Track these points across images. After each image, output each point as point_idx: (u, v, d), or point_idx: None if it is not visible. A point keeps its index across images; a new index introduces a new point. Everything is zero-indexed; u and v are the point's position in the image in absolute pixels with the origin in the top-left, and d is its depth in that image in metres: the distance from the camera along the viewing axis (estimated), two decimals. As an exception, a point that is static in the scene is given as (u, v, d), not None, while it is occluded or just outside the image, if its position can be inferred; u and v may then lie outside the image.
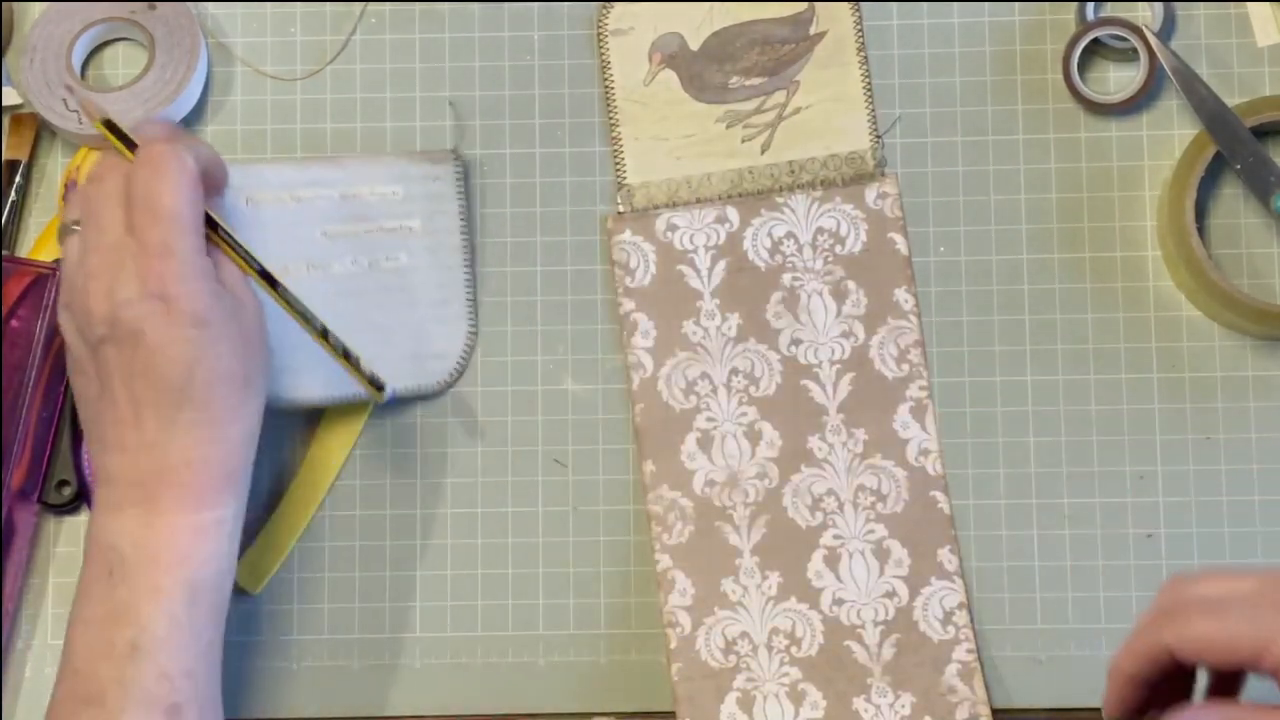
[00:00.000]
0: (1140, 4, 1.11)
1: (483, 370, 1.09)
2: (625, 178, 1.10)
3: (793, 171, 1.09)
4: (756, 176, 1.09)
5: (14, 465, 1.04)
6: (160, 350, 0.93)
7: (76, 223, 0.97)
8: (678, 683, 1.06)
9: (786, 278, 1.08)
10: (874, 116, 1.10)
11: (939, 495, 1.07)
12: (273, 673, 1.08)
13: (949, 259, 1.09)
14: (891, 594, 1.06)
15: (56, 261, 1.07)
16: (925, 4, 1.11)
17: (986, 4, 1.11)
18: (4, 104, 1.11)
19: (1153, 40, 1.08)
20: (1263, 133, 1.07)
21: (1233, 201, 1.09)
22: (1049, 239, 1.09)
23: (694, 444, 1.07)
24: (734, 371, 1.08)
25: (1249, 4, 1.10)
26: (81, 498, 1.07)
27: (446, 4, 1.12)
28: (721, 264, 1.09)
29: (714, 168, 1.09)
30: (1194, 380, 1.08)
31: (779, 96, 1.10)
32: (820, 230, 1.09)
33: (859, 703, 1.05)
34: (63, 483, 1.07)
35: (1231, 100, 1.07)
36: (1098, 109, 1.09)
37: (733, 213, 1.09)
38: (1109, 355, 1.08)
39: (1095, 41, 1.09)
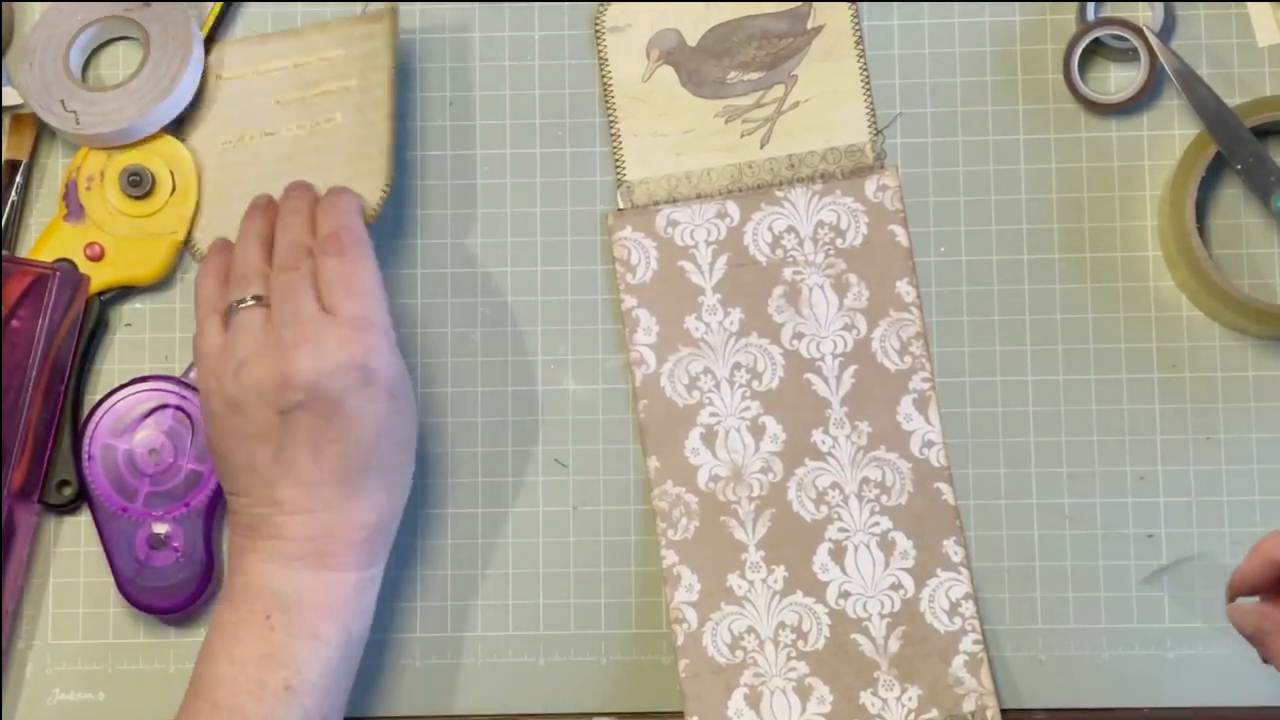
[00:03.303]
0: (1140, 4, 1.11)
1: (483, 370, 1.09)
2: (625, 174, 1.10)
3: (792, 165, 1.09)
4: (756, 171, 1.09)
5: (14, 465, 1.04)
6: (356, 421, 0.97)
7: (241, 302, 1.00)
8: (685, 680, 1.05)
9: (788, 271, 1.08)
10: (872, 109, 1.10)
11: (943, 486, 1.06)
12: (272, 673, 1.07)
13: (950, 259, 1.09)
14: (897, 586, 1.06)
15: (57, 261, 1.08)
16: (926, 4, 1.11)
17: (987, 4, 1.11)
18: (4, 104, 1.10)
19: (1153, 40, 1.08)
20: (1263, 133, 1.07)
21: (1233, 201, 1.09)
22: (1049, 239, 1.09)
23: (698, 439, 1.07)
24: (737, 366, 1.07)
25: (1249, 4, 1.10)
26: (82, 498, 1.07)
27: (447, 4, 1.12)
28: (722, 259, 1.08)
29: (714, 163, 1.09)
30: (1194, 380, 1.08)
31: (777, 91, 1.10)
32: (821, 224, 1.09)
33: (866, 696, 1.05)
34: (63, 483, 1.06)
35: (1232, 100, 1.07)
36: (1098, 109, 1.09)
37: (733, 207, 1.09)
38: (1109, 355, 1.08)
39: (1096, 41, 1.09)
